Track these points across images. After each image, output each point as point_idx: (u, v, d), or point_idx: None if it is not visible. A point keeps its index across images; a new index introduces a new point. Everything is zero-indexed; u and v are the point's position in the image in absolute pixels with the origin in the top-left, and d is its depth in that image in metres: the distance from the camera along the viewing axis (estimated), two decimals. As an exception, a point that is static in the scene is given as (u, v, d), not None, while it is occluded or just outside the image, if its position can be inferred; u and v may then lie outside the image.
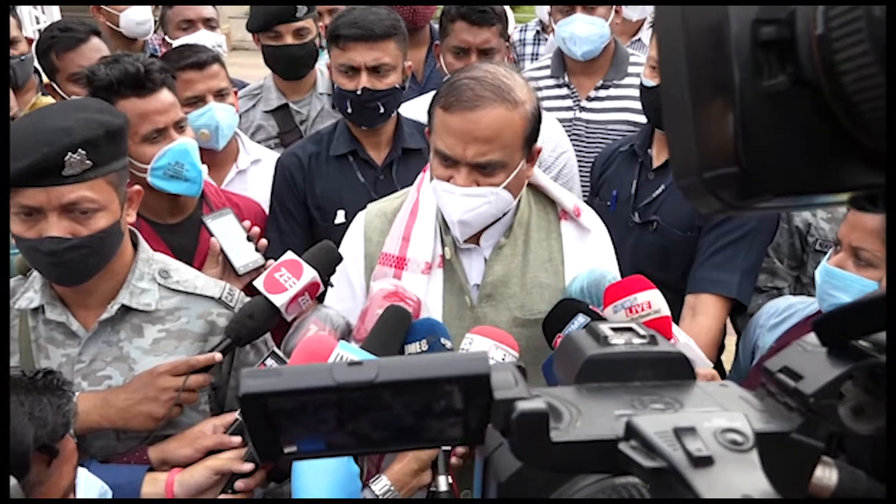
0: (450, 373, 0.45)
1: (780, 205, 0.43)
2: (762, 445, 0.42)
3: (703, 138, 0.41)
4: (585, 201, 2.04)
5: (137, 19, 3.01)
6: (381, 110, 2.07)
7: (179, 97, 1.87)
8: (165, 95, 1.80)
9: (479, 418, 0.45)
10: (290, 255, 1.55)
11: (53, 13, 5.36)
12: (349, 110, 2.07)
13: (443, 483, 1.30)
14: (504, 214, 1.56)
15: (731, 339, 2.19)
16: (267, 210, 2.16)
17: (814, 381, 0.46)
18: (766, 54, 0.38)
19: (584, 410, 0.46)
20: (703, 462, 0.40)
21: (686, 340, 1.44)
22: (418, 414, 0.45)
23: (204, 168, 1.91)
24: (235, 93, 2.31)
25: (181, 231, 1.91)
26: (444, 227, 1.59)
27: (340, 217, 2.08)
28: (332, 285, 1.60)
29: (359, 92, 2.03)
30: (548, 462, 0.44)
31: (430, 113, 1.52)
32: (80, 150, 1.33)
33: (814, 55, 0.37)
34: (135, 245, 1.54)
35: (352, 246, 1.67)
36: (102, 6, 3.07)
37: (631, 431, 0.43)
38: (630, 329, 0.52)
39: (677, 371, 0.50)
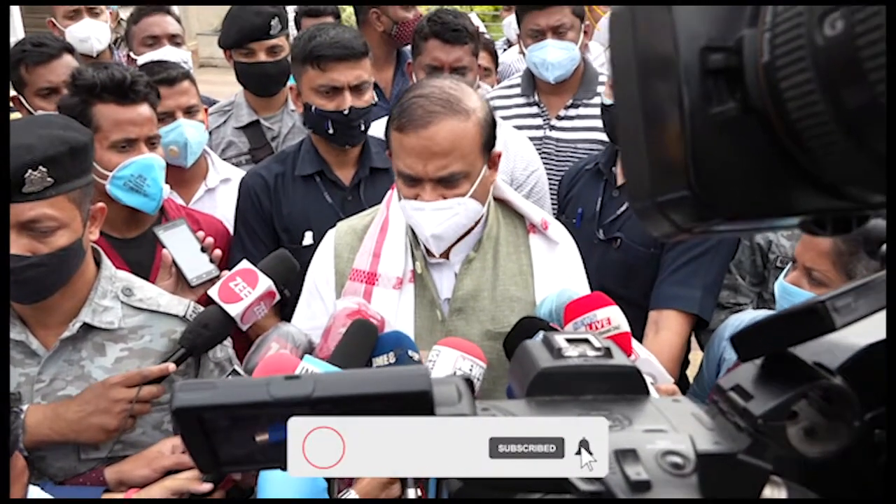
0: (389, 389, 0.44)
1: (732, 228, 0.43)
2: (708, 466, 0.42)
3: (656, 162, 0.42)
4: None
5: (80, 36, 3.01)
6: (363, 128, 2.08)
7: None
8: (145, 109, 1.81)
9: None
10: (245, 265, 1.54)
11: (16, 29, 5.31)
12: (331, 131, 2.04)
13: (411, 496, 1.29)
14: (475, 226, 1.57)
15: (695, 355, 2.21)
16: (231, 230, 2.13)
17: (763, 401, 0.46)
18: (715, 81, 0.39)
19: None
20: (640, 487, 0.40)
21: (647, 356, 1.46)
22: None
23: (166, 188, 1.89)
24: (206, 110, 2.29)
25: (137, 246, 1.89)
26: (414, 242, 1.59)
27: (308, 238, 2.06)
28: (288, 295, 1.58)
29: (346, 111, 2.02)
30: (488, 480, 0.44)
31: (386, 135, 1.53)
32: (40, 167, 1.31)
33: (760, 83, 0.37)
34: (98, 263, 1.52)
35: (322, 263, 1.67)
36: (55, 23, 3.06)
37: None
38: (585, 340, 0.51)
39: (630, 385, 0.50)
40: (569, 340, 0.51)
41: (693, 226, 0.42)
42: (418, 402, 0.44)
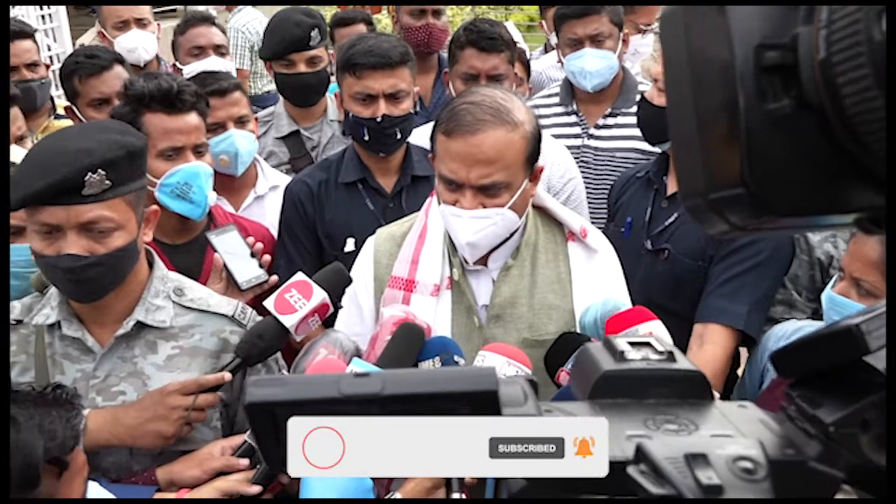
0: (457, 388, 0.44)
1: (786, 225, 0.43)
2: (779, 473, 0.41)
3: (710, 161, 0.42)
4: (601, 227, 2.03)
5: (128, 46, 3.09)
6: (399, 136, 2.09)
7: None
8: (192, 118, 1.85)
9: None
10: (300, 276, 1.55)
11: (64, 41, 5.47)
12: (366, 138, 2.07)
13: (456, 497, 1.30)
14: (512, 235, 1.57)
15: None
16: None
17: (834, 408, 0.45)
18: (770, 78, 0.39)
19: None
20: (713, 491, 0.39)
21: None
22: None
23: (212, 195, 1.93)
24: (256, 120, 2.34)
25: (186, 252, 1.93)
26: (451, 249, 1.60)
27: (350, 245, 2.08)
28: (341, 307, 1.60)
29: (379, 119, 2.04)
30: (554, 480, 0.44)
31: (432, 139, 1.54)
32: (100, 170, 1.35)
33: (816, 79, 0.37)
34: (150, 263, 1.57)
35: (362, 269, 1.69)
36: (105, 34, 3.16)
37: (641, 455, 0.43)
38: (647, 344, 0.51)
39: (695, 390, 0.49)
40: (631, 344, 0.51)
41: (748, 223, 0.42)
42: (486, 402, 0.44)
